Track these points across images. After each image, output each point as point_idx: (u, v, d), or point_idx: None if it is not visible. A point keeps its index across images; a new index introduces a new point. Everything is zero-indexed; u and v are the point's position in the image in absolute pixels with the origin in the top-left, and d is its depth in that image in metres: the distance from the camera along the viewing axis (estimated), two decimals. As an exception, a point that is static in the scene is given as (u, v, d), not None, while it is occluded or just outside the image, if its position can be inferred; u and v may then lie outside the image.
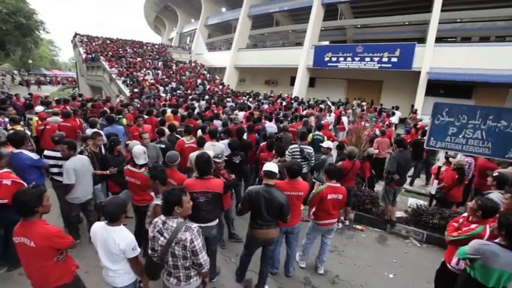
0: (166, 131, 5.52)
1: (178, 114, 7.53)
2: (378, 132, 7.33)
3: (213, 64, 26.18)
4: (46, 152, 3.95)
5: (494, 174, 3.68)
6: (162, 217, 2.07)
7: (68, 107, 8.15)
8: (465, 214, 2.86)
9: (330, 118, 9.28)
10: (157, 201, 2.70)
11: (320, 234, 3.59)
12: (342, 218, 4.90)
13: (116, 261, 2.16)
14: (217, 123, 6.97)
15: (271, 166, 2.84)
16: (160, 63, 21.08)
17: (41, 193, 2.10)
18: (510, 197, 2.90)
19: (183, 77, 18.77)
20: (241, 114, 8.39)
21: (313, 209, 3.45)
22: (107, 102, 9.80)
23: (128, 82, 15.51)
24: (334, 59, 17.58)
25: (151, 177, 3.01)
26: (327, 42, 22.78)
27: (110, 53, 20.57)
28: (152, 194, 3.60)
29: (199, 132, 5.55)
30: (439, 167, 4.85)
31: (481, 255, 2.17)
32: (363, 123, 6.43)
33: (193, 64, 23.37)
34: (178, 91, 15.43)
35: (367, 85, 18.91)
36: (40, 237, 2.03)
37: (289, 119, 7.68)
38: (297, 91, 18.50)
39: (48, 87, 31.44)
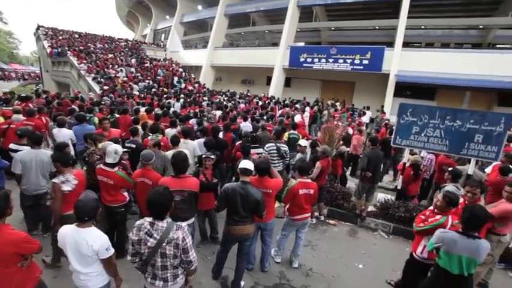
0: (141, 130, 5.41)
1: (153, 113, 7.35)
2: (350, 131, 7.68)
3: (188, 62, 25.72)
4: (11, 146, 4.09)
5: (449, 169, 4.05)
6: (149, 219, 2.04)
7: (30, 104, 7.65)
8: (431, 208, 3.11)
9: (304, 117, 9.51)
10: (56, 179, 2.93)
11: (295, 229, 3.72)
12: (316, 213, 5.08)
13: (88, 263, 2.10)
14: (192, 122, 6.92)
15: (247, 163, 2.91)
16: (133, 60, 20.35)
17: (7, 195, 2.00)
18: (472, 190, 3.19)
19: (158, 77, 18.27)
20: (218, 113, 8.38)
21: (288, 205, 3.56)
22: (76, 100, 9.31)
23: (99, 79, 14.81)
24: (309, 59, 18.02)
25: (53, 159, 3.17)
26: (302, 43, 23.26)
27: (81, 47, 19.48)
28: (125, 194, 3.54)
29: (170, 130, 5.48)
30: (404, 164, 5.19)
31: (442, 242, 2.39)
32: (335, 122, 6.70)
33: (168, 62, 22.82)
34: (153, 89, 15.02)
35: (340, 86, 19.59)
36: (6, 243, 1.92)
37: (264, 118, 7.79)
38: (273, 91, 18.73)
39: (3, 83, 28.94)
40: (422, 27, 18.81)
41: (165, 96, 12.87)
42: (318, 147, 5.12)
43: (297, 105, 11.99)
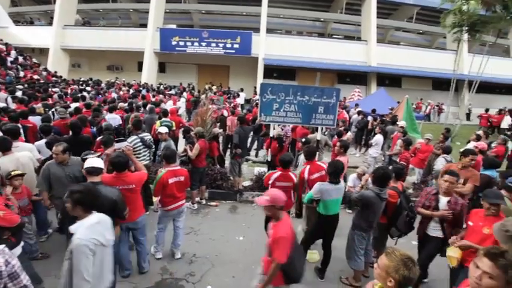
0: None
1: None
2: (225, 113, 7.97)
3: (27, 43, 19.85)
4: None
5: (302, 140, 4.82)
6: None
7: None
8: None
9: (180, 103, 9.20)
10: None
11: (171, 220, 3.56)
12: (198, 198, 5.07)
13: None
14: (34, 119, 5.48)
15: (92, 161, 2.49)
16: None
17: None
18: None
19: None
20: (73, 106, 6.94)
21: (159, 197, 3.36)
22: None
23: None
24: (182, 43, 17.39)
25: None
26: (174, 26, 22.07)
27: None
28: None
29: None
30: (271, 138, 5.81)
31: (321, 192, 3.05)
32: (209, 106, 6.75)
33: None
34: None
35: (216, 70, 20.00)
36: None
37: (134, 106, 7.02)
38: (146, 77, 17.21)
39: None
40: (281, 16, 21.30)
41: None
42: (192, 132, 5.04)
43: (172, 92, 11.45)
